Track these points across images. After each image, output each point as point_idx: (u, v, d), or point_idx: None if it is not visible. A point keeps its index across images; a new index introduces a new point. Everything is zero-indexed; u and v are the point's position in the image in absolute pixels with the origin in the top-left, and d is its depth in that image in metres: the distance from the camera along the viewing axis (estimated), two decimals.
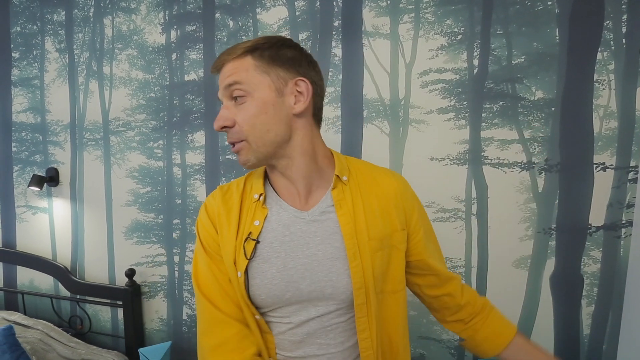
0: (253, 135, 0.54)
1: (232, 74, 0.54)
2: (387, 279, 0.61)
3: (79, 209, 1.61)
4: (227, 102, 0.56)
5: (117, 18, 1.50)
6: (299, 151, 0.58)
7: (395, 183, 0.63)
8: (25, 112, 1.67)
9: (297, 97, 0.56)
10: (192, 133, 1.45)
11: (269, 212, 0.59)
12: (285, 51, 0.55)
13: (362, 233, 0.57)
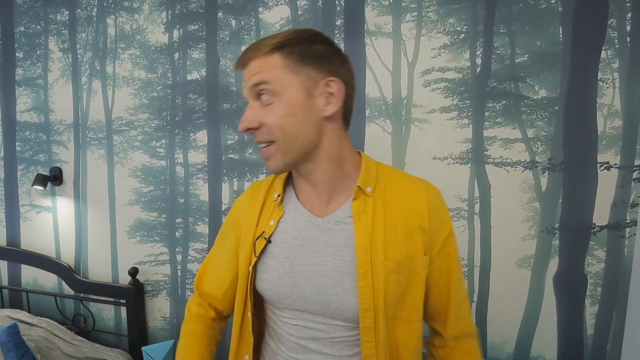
0: (283, 138, 0.51)
1: (259, 72, 0.50)
2: (403, 305, 0.55)
3: (83, 207, 1.62)
4: (252, 102, 0.53)
5: (120, 18, 1.51)
6: (326, 156, 0.55)
7: (428, 199, 0.56)
8: (29, 112, 1.68)
9: (328, 98, 0.52)
10: (194, 132, 1.45)
11: (284, 214, 0.59)
12: (316, 47, 0.51)
13: (378, 251, 0.52)
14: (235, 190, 1.42)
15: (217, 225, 1.45)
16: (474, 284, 1.22)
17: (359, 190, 0.55)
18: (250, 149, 1.40)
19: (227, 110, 1.41)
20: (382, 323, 0.52)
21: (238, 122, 1.38)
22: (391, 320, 0.55)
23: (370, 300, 0.51)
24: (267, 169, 0.55)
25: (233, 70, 1.39)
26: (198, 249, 1.49)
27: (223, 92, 1.41)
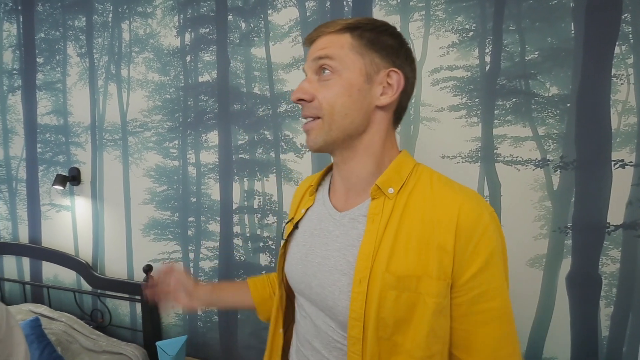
0: (330, 116, 0.51)
1: (326, 47, 0.51)
2: (405, 332, 0.48)
3: (100, 207, 1.67)
4: (311, 76, 0.53)
5: (134, 22, 1.55)
6: (366, 147, 0.54)
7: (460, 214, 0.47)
8: (49, 115, 1.74)
9: (386, 88, 0.52)
10: (206, 133, 1.49)
11: (314, 204, 0.61)
12: (387, 38, 0.52)
13: (381, 261, 0.48)
14: (246, 190, 1.45)
15: (228, 223, 1.48)
16: None
17: (378, 191, 0.52)
18: (260, 149, 1.42)
19: (238, 111, 1.44)
20: (372, 339, 0.48)
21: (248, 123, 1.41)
22: (387, 343, 0.48)
23: (361, 309, 0.47)
24: (306, 143, 0.55)
25: (243, 72, 1.42)
26: (209, 247, 1.52)
27: (233, 93, 1.44)
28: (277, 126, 1.39)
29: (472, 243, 0.47)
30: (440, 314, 0.47)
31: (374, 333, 0.47)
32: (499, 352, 0.48)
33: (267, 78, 1.39)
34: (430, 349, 0.47)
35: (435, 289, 0.46)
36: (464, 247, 0.47)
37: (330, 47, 0.51)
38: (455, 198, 0.49)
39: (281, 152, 1.39)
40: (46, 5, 1.69)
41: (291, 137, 1.38)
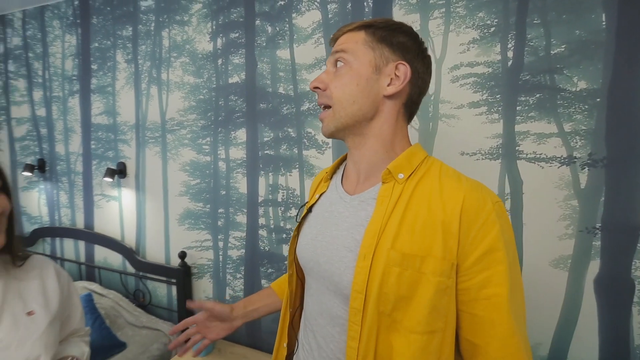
0: (339, 103, 0.56)
1: (343, 43, 0.57)
2: (406, 309, 0.50)
3: (142, 197, 1.85)
4: (329, 68, 0.60)
5: (172, 30, 1.70)
6: (376, 134, 0.57)
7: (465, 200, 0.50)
8: (101, 115, 1.96)
9: (393, 79, 0.56)
10: (235, 130, 1.59)
11: (327, 189, 0.67)
12: (399, 36, 0.56)
13: (387, 239, 0.51)
14: (270, 184, 1.54)
15: (255, 215, 1.58)
16: None
17: (389, 175, 0.55)
18: (284, 146, 1.50)
19: (264, 109, 1.53)
20: (372, 313, 0.50)
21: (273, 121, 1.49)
22: (387, 319, 0.51)
23: (363, 283, 0.50)
24: (321, 130, 0.61)
25: (269, 73, 1.50)
26: (237, 237, 1.63)
27: (260, 93, 1.53)
28: (300, 124, 1.46)
29: (475, 227, 0.49)
30: (444, 293, 0.49)
31: (374, 307, 0.50)
32: (511, 339, 0.48)
33: (291, 78, 1.46)
34: (431, 325, 0.49)
35: (439, 268, 0.48)
36: (467, 230, 0.49)
37: (347, 42, 0.57)
38: (461, 187, 0.52)
39: (304, 149, 1.46)
40: (100, 17, 1.90)
41: (313, 134, 1.44)
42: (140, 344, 1.55)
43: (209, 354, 1.52)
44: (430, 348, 0.49)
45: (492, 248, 0.49)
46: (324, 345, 0.59)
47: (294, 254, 0.69)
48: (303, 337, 0.67)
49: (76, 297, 0.79)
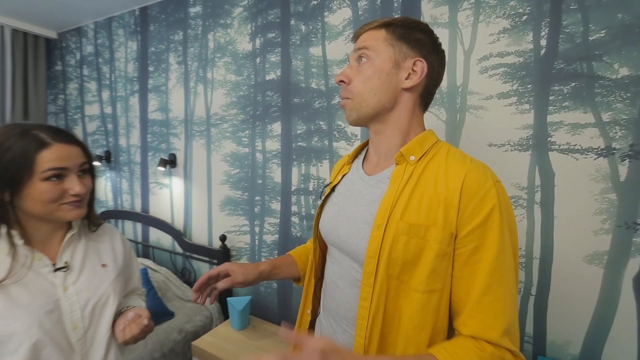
0: (360, 95, 0.62)
1: (365, 40, 0.63)
2: (412, 272, 0.56)
3: (189, 185, 2.06)
4: (352, 63, 0.65)
5: (217, 33, 1.86)
6: (394, 122, 0.64)
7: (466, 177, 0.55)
8: (156, 111, 2.20)
9: (411, 74, 0.61)
10: (271, 124, 1.72)
11: (349, 171, 0.74)
12: (416, 33, 0.62)
13: (397, 212, 0.57)
14: (303, 174, 1.63)
15: (288, 203, 1.69)
16: (533, 276, 1.17)
17: (402, 157, 0.61)
18: (316, 137, 1.59)
19: (298, 104, 1.63)
20: (383, 276, 0.57)
21: (306, 115, 1.58)
22: (395, 281, 0.57)
23: (376, 249, 0.57)
24: (345, 118, 0.68)
25: (302, 70, 1.60)
26: (271, 223, 1.75)
27: (294, 89, 1.63)
28: (331, 117, 1.54)
29: (474, 201, 0.54)
30: (443, 259, 0.55)
31: (384, 270, 0.57)
32: (486, 296, 0.53)
33: (323, 74, 1.54)
34: (431, 285, 0.55)
35: (440, 236, 0.54)
36: (467, 204, 0.54)
37: (369, 40, 0.63)
38: (464, 166, 0.57)
39: (334, 141, 1.53)
40: (156, 24, 2.13)
41: (343, 126, 1.51)
42: (185, 315, 1.75)
43: (244, 328, 1.67)
44: (430, 305, 0.56)
45: (487, 220, 0.54)
46: (342, 305, 0.66)
47: (318, 229, 0.77)
48: (324, 301, 0.75)
49: (135, 261, 0.94)
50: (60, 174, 0.68)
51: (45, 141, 0.67)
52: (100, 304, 0.75)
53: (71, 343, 0.70)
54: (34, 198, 0.66)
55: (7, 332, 0.62)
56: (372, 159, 0.70)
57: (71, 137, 0.72)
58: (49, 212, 0.68)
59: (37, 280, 0.69)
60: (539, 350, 1.17)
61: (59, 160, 0.67)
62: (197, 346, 1.53)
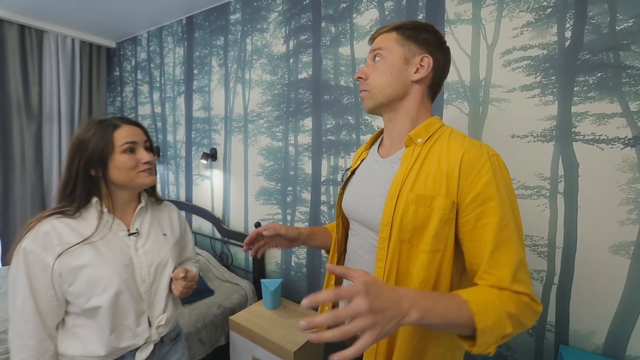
0: (376, 87, 0.73)
1: (380, 42, 0.73)
2: (420, 236, 0.65)
3: (228, 177, 2.25)
4: (369, 62, 0.75)
5: (254, 37, 2.03)
6: (405, 111, 0.73)
7: (465, 153, 0.64)
8: (199, 110, 2.42)
9: (419, 69, 0.71)
10: (302, 119, 1.85)
11: (367, 156, 0.85)
12: (423, 34, 0.71)
13: (407, 186, 0.66)
14: (332, 165, 1.74)
15: (318, 193, 1.81)
16: (556, 266, 1.18)
17: (410, 140, 0.70)
18: (344, 131, 1.69)
19: (327, 100, 1.74)
20: (395, 240, 0.66)
21: (335, 110, 1.69)
22: (406, 245, 0.66)
23: (389, 218, 0.67)
24: (364, 108, 0.79)
25: (332, 68, 1.71)
26: (302, 211, 1.88)
27: (324, 86, 1.75)
28: (358, 112, 1.63)
29: (472, 174, 0.62)
30: (445, 223, 0.64)
31: (397, 235, 0.66)
32: (496, 252, 0.60)
33: (351, 72, 1.64)
34: (435, 245, 0.64)
35: (443, 204, 0.63)
36: (466, 176, 0.63)
37: (382, 42, 0.73)
38: (463, 144, 0.66)
39: (361, 134, 1.63)
40: (200, 31, 2.35)
41: (369, 121, 1.60)
42: (224, 293, 1.93)
43: (275, 308, 1.82)
44: (433, 263, 0.65)
45: (486, 189, 0.61)
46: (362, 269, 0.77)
47: (340, 208, 0.88)
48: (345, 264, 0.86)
49: (189, 234, 1.11)
50: (132, 147, 0.85)
51: (117, 124, 0.85)
52: (162, 265, 0.92)
53: (140, 293, 0.87)
54: (118, 167, 0.83)
55: (96, 277, 0.79)
56: (386, 144, 0.80)
57: (134, 121, 0.90)
58: (130, 179, 0.85)
59: (116, 241, 0.86)
60: (561, 339, 1.18)
61: (130, 136, 0.85)
62: (233, 320, 1.70)
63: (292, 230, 0.91)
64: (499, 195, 0.61)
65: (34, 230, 0.78)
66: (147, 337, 0.87)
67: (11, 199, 2.63)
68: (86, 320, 0.81)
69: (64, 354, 0.80)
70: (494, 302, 0.57)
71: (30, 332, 0.76)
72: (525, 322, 0.59)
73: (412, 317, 0.50)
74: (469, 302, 0.55)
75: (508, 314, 0.56)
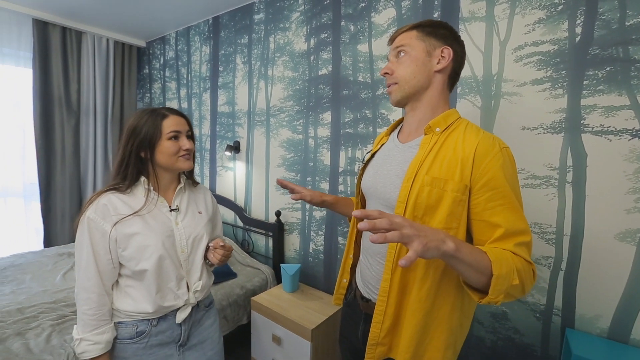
0: (403, 79, 0.80)
1: (402, 40, 0.81)
2: (433, 215, 0.72)
3: (250, 168, 2.39)
4: (392, 59, 0.83)
5: (277, 35, 2.14)
6: (427, 100, 0.80)
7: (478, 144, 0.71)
8: (224, 105, 2.56)
9: (440, 60, 0.78)
10: (322, 113, 1.95)
11: (387, 141, 0.94)
12: (440, 30, 0.79)
13: (424, 169, 0.74)
14: (349, 157, 1.84)
15: (335, 183, 1.91)
16: (563, 252, 1.24)
17: (429, 128, 0.78)
18: (362, 125, 1.78)
19: (346, 95, 1.83)
20: (409, 216, 0.74)
21: (353, 104, 1.79)
22: (419, 221, 0.73)
23: (404, 196, 0.75)
24: (390, 101, 0.85)
25: (351, 65, 1.80)
26: None
27: (343, 82, 1.84)
28: (375, 106, 1.72)
29: (485, 162, 0.70)
30: (458, 204, 0.71)
31: (411, 212, 0.74)
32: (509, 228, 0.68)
33: (369, 68, 1.72)
34: (448, 224, 0.72)
35: (456, 187, 0.71)
36: (479, 163, 0.70)
37: (404, 40, 0.81)
38: (477, 136, 0.73)
39: (377, 127, 1.71)
40: (226, 30, 2.49)
41: (386, 114, 1.68)
42: (245, 276, 2.07)
43: (294, 291, 1.94)
44: None
45: (495, 176, 0.70)
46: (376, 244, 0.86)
47: (359, 187, 0.98)
48: (363, 244, 0.95)
49: (219, 214, 1.24)
50: (176, 135, 0.97)
51: (166, 114, 0.98)
52: (197, 238, 1.05)
53: (180, 261, 1.00)
54: (163, 152, 0.96)
55: (144, 243, 0.93)
56: (405, 130, 0.88)
57: (180, 112, 1.02)
58: (172, 162, 0.98)
59: (160, 215, 0.99)
60: (567, 322, 1.24)
61: (175, 125, 0.97)
62: (255, 301, 1.83)
63: (316, 198, 1.05)
64: (506, 181, 0.69)
65: (94, 203, 0.92)
66: (186, 299, 1.00)
67: (52, 188, 2.86)
68: (136, 282, 0.95)
69: (118, 310, 0.94)
70: (506, 256, 0.66)
71: (92, 287, 0.90)
72: (526, 282, 0.68)
73: (449, 245, 0.58)
74: (487, 252, 0.65)
75: (516, 268, 0.66)
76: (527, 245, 0.70)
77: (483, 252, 0.65)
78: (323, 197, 1.07)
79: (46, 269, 2.11)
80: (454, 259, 0.60)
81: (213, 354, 1.08)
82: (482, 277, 0.64)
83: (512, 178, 0.72)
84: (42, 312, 1.58)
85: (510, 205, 0.69)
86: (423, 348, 0.77)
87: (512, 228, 0.69)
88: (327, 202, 1.08)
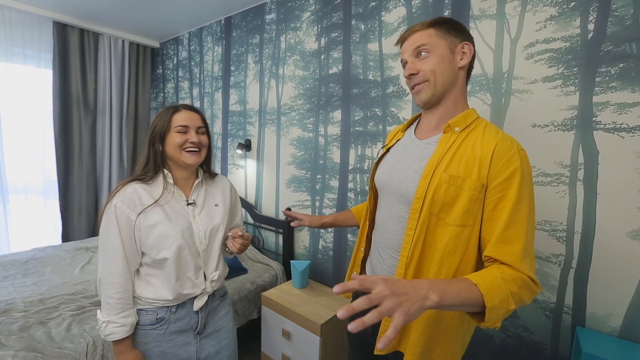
0: (434, 77, 0.78)
1: (420, 39, 0.79)
2: (449, 211, 0.73)
3: (261, 166, 2.43)
4: (412, 60, 0.81)
5: (288, 35, 2.18)
6: (453, 96, 0.80)
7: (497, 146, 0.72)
8: (235, 104, 2.61)
9: (462, 55, 0.79)
10: (332, 112, 1.97)
11: (403, 137, 0.94)
12: (455, 26, 0.80)
13: (442, 166, 0.75)
14: (359, 155, 1.86)
15: (345, 181, 1.93)
16: (574, 250, 1.23)
17: (449, 127, 0.78)
18: (371, 123, 1.80)
19: (356, 94, 1.85)
20: (425, 213, 0.75)
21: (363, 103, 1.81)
22: (435, 217, 0.75)
23: (422, 192, 0.76)
24: (417, 101, 0.83)
25: (361, 63, 1.82)
26: (330, 198, 2.01)
27: (353, 81, 1.86)
28: (385, 104, 1.73)
29: (502, 162, 0.71)
30: (475, 202, 0.72)
31: (427, 208, 0.75)
32: (507, 231, 0.69)
33: (379, 67, 1.74)
34: (464, 221, 0.73)
35: (473, 185, 0.72)
36: (496, 163, 0.71)
37: (423, 39, 0.80)
38: (496, 136, 0.74)
39: (387, 125, 1.73)
40: (237, 30, 2.53)
41: (396, 112, 1.69)
42: (256, 272, 2.11)
43: (303, 287, 1.97)
44: (462, 236, 0.74)
45: (511, 177, 0.70)
46: (389, 237, 0.86)
47: (373, 181, 0.99)
48: (374, 238, 0.97)
49: (239, 204, 1.27)
50: (184, 129, 1.01)
51: (178, 108, 1.03)
52: (214, 230, 1.08)
53: (199, 251, 1.04)
54: (170, 144, 1.00)
55: (165, 233, 0.97)
56: (423, 127, 0.88)
57: (194, 108, 1.06)
58: (178, 155, 1.01)
59: (178, 207, 1.03)
60: (577, 321, 1.24)
61: (184, 120, 1.01)
62: (265, 296, 1.87)
63: (315, 222, 1.12)
64: (520, 183, 0.70)
65: (121, 191, 0.96)
66: (203, 288, 1.04)
67: (70, 184, 2.96)
68: (156, 270, 0.99)
69: (140, 297, 0.99)
70: (499, 282, 0.64)
71: (119, 272, 0.94)
72: (525, 299, 0.67)
73: (432, 298, 0.56)
74: (478, 284, 0.63)
75: (511, 292, 0.64)
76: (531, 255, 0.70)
77: (473, 285, 0.63)
78: (322, 220, 1.13)
79: (65, 262, 2.19)
80: (442, 307, 0.59)
81: (228, 342, 1.12)
82: (477, 309, 0.64)
83: (527, 180, 0.72)
84: (62, 303, 1.64)
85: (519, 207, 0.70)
86: (433, 342, 0.78)
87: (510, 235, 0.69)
88: (326, 223, 1.13)
